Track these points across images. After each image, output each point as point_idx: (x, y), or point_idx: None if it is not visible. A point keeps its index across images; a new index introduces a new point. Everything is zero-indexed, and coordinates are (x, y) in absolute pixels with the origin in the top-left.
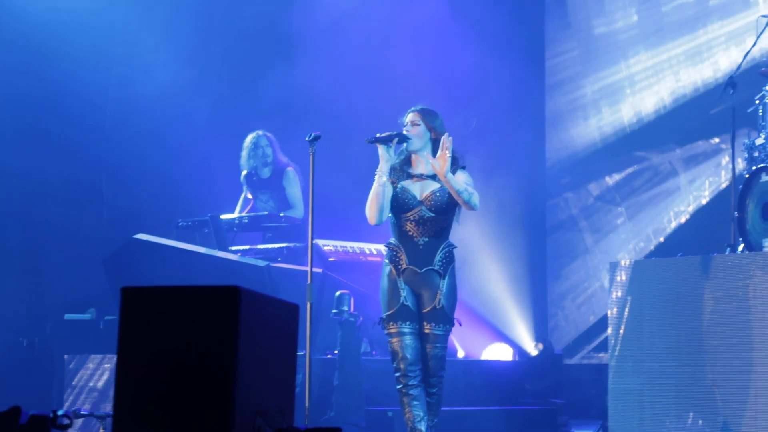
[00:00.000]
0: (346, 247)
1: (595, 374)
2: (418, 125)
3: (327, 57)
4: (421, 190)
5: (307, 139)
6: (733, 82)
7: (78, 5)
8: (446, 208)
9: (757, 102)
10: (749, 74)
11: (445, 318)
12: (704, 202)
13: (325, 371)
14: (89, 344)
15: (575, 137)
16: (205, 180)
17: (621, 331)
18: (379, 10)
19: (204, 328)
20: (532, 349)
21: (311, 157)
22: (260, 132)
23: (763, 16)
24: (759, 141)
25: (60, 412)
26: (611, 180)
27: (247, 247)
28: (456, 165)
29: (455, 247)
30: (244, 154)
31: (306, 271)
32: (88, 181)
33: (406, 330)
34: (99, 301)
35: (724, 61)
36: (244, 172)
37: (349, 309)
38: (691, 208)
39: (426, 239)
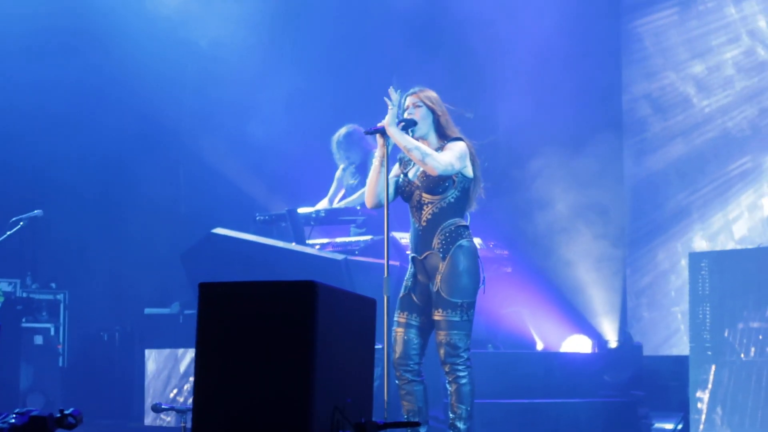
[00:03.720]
0: None
1: (675, 366)
2: (420, 107)
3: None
4: (415, 172)
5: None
6: None
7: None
8: (437, 186)
9: None
10: None
11: (445, 303)
12: None
13: None
14: (169, 338)
15: None
16: (284, 174)
17: (701, 322)
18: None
19: (282, 322)
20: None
21: (386, 149)
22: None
23: None
24: None
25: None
26: None
27: (324, 240)
28: (448, 138)
29: (463, 225)
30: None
31: (383, 264)
32: (165, 175)
33: (402, 321)
34: (180, 296)
35: None
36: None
37: None
38: None
39: (425, 224)
